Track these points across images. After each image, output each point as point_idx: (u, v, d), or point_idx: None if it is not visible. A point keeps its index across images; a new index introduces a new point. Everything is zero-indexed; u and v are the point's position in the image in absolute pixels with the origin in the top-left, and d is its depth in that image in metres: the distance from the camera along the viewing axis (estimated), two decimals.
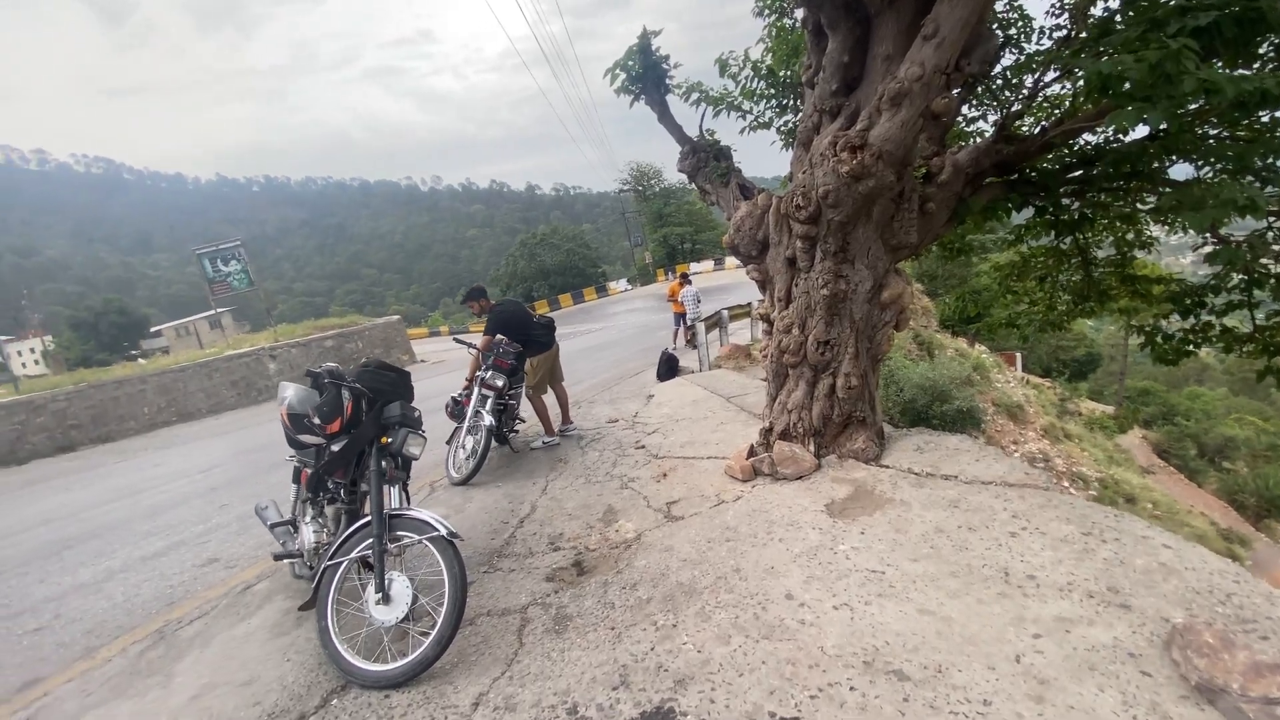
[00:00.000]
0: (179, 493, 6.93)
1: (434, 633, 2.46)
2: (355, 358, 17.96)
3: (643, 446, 5.50)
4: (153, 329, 53.75)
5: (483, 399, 5.39)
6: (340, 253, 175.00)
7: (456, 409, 5.59)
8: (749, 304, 14.15)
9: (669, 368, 9.52)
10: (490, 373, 5.47)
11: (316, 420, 2.76)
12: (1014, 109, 4.76)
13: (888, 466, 4.01)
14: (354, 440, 2.79)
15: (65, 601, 4.10)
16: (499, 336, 5.66)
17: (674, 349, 13.78)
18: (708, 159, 4.80)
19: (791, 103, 6.30)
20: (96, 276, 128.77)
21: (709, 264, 40.74)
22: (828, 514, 3.46)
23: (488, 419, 5.18)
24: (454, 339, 6.90)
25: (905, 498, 3.50)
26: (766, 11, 5.93)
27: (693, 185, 5.07)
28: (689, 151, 4.87)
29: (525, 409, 6.33)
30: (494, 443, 5.83)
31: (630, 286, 43.18)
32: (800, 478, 4.01)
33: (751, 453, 4.38)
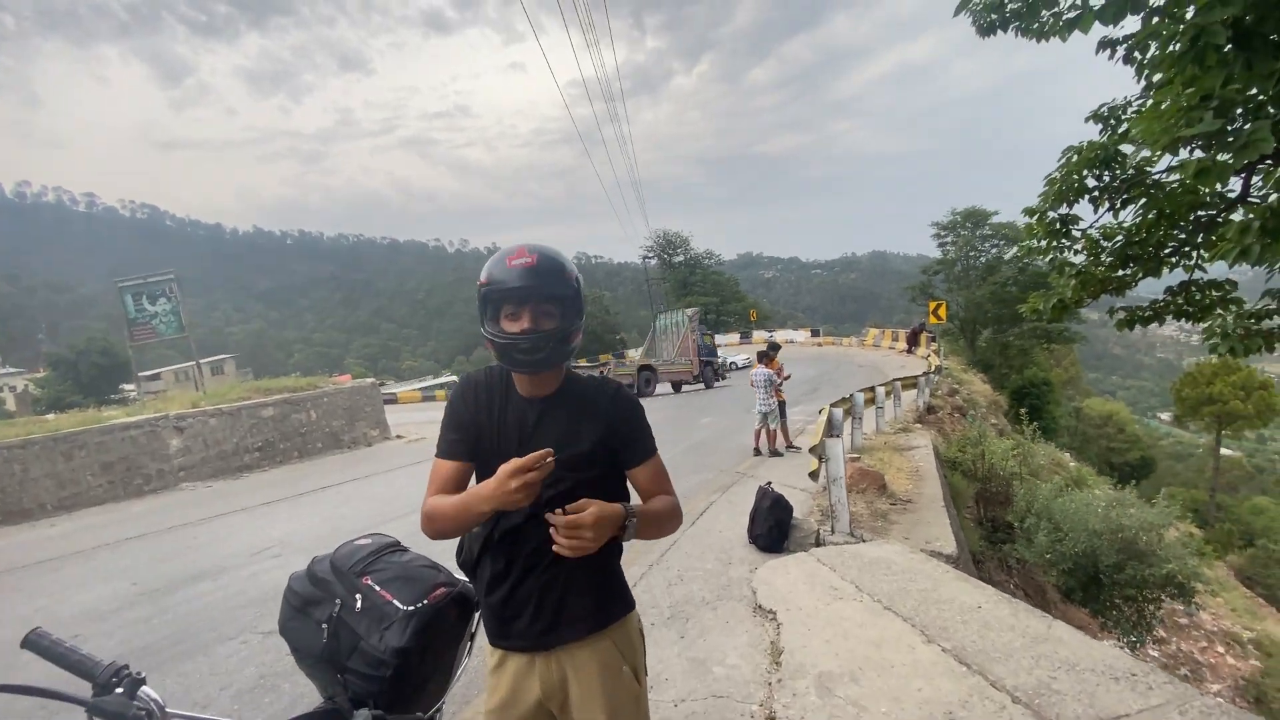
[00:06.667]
0: None
1: None
2: (303, 431, 13.63)
3: None
4: (148, 373, 50.35)
5: None
6: (364, 307, 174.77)
7: None
8: (851, 396, 9.66)
9: (775, 524, 5.00)
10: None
11: None
12: None
13: None
14: None
15: None
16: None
17: (756, 451, 9.64)
18: None
19: None
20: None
21: (734, 337, 41.25)
22: None
23: None
24: None
25: None
26: None
27: None
28: None
29: None
30: None
31: None
32: None
33: None
